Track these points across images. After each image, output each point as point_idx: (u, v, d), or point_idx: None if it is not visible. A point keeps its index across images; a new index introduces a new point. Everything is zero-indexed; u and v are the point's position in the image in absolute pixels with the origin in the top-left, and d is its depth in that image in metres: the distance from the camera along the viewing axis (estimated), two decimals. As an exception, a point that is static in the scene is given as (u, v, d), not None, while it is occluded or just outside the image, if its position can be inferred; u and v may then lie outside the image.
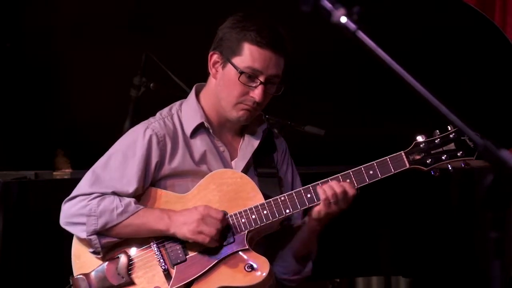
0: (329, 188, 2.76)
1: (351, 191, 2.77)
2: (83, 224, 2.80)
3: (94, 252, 2.84)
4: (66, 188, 2.89)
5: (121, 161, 2.85)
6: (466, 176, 3.92)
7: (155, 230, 2.82)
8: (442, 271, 3.90)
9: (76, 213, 2.81)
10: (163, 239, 2.85)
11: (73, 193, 2.86)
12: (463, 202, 3.95)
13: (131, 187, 2.83)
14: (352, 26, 1.72)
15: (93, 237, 2.80)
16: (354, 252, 3.82)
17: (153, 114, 2.96)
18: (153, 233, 2.83)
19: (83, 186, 2.86)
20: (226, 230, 2.82)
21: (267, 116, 3.59)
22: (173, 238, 2.83)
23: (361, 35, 1.73)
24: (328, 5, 1.73)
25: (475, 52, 4.17)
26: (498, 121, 4.19)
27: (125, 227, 2.81)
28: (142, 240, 2.85)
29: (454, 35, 4.15)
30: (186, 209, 2.82)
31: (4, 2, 3.91)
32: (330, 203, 2.76)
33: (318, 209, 2.79)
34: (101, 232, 2.80)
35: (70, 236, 2.87)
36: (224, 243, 2.81)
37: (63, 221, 2.85)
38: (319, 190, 2.78)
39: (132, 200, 2.82)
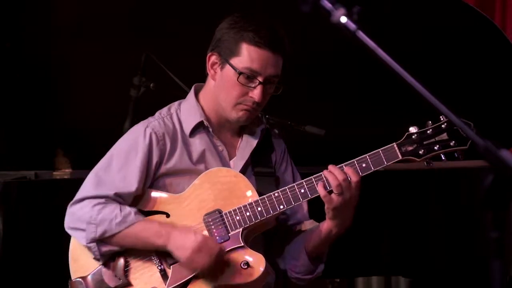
0: (332, 179, 2.74)
1: (354, 177, 2.74)
2: (83, 230, 2.80)
3: (95, 259, 2.84)
4: (66, 188, 2.89)
5: (123, 162, 2.85)
6: (466, 176, 3.93)
7: (153, 245, 2.80)
8: (442, 271, 3.90)
9: (79, 219, 2.81)
10: None
11: (79, 196, 2.84)
12: (463, 202, 3.95)
13: (132, 187, 2.82)
14: (352, 26, 1.72)
15: (92, 244, 2.80)
16: (354, 252, 3.83)
17: (153, 114, 2.96)
18: (150, 247, 2.81)
19: (88, 188, 2.84)
20: (221, 228, 2.82)
21: (267, 116, 3.59)
22: None
23: (361, 35, 1.73)
24: (328, 5, 1.73)
25: (475, 52, 4.17)
26: (498, 121, 4.19)
27: (124, 237, 2.79)
28: None
29: (454, 35, 4.15)
30: (186, 229, 2.80)
31: (4, 2, 3.91)
32: (331, 198, 2.75)
33: (326, 207, 2.78)
34: (101, 240, 2.80)
35: (70, 236, 2.87)
36: (220, 241, 2.81)
37: (67, 225, 2.85)
38: (319, 188, 2.77)
39: (133, 210, 2.80)
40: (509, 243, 3.65)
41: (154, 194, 2.87)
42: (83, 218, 2.79)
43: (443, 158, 2.78)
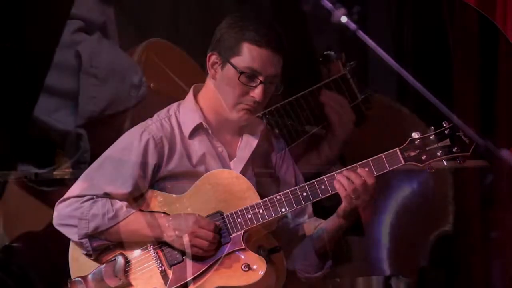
0: (348, 183, 2.75)
1: (370, 180, 2.76)
2: (75, 226, 2.81)
3: (86, 254, 2.84)
4: (66, 188, 2.89)
5: (115, 164, 2.85)
6: (467, 175, 3.92)
7: (147, 236, 2.82)
8: (442, 270, 3.91)
9: (69, 215, 2.82)
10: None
11: (66, 195, 2.86)
12: (463, 202, 3.95)
13: (125, 189, 2.82)
14: (352, 26, 1.73)
15: (84, 240, 2.81)
16: (354, 252, 3.83)
17: (153, 115, 2.95)
18: (146, 239, 2.83)
19: (76, 188, 2.86)
20: (222, 230, 2.82)
21: (267, 116, 3.59)
22: None
23: (361, 34, 1.73)
24: (328, 5, 1.73)
25: (476, 52, 4.17)
26: (498, 121, 4.19)
27: (117, 231, 2.81)
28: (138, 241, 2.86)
29: (454, 35, 4.15)
30: (176, 216, 2.82)
31: (4, 2, 3.91)
32: (352, 198, 2.76)
33: (343, 207, 2.79)
34: (92, 235, 2.81)
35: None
36: (221, 243, 2.81)
37: (56, 222, 2.86)
38: (336, 184, 2.77)
39: (124, 204, 2.81)
40: (509, 243, 3.65)
41: (156, 195, 2.87)
42: (73, 214, 2.80)
43: (445, 163, 2.79)
